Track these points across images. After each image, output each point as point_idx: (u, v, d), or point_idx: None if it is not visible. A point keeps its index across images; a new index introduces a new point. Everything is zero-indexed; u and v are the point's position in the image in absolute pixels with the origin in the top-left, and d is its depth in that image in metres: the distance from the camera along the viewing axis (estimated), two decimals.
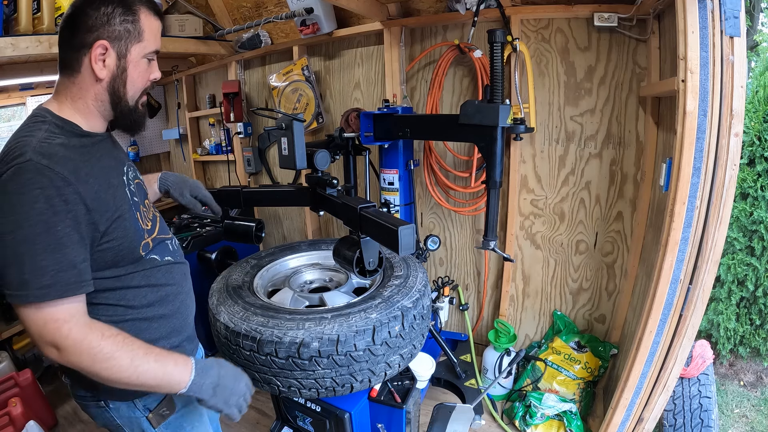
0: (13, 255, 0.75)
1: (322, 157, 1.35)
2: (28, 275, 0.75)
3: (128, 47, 0.88)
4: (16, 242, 0.75)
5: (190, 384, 0.87)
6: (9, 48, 1.72)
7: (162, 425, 1.02)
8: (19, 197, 0.75)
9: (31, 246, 0.75)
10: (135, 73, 0.91)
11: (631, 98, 1.88)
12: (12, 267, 0.75)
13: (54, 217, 0.77)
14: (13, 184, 0.75)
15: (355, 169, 2.15)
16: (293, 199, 1.56)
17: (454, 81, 2.21)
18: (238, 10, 2.69)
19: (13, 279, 0.76)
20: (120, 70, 0.89)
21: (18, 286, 0.76)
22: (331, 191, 1.36)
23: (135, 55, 0.90)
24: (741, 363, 2.63)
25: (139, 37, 0.89)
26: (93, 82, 0.88)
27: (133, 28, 0.88)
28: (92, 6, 0.85)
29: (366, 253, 1.08)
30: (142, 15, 0.89)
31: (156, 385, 0.86)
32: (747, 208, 2.32)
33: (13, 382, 2.14)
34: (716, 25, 1.23)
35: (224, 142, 3.13)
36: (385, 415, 1.50)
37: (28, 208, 0.75)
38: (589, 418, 1.96)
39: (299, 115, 1.30)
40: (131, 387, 0.84)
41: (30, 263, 0.75)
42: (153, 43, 0.93)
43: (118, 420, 1.00)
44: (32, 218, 0.75)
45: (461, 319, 2.52)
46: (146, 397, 0.99)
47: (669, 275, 1.38)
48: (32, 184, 0.76)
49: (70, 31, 0.87)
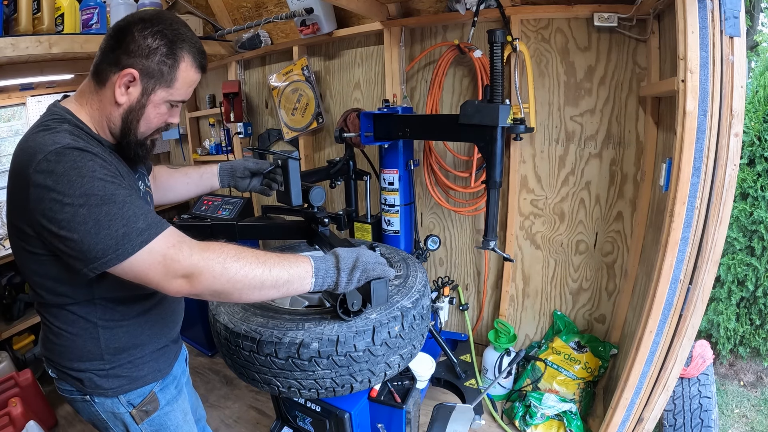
0: (97, 221, 0.74)
1: (317, 194, 1.39)
2: (123, 228, 0.75)
3: (155, 88, 0.87)
4: (95, 208, 0.75)
5: (314, 271, 0.90)
6: (9, 48, 1.72)
7: (145, 422, 1.04)
8: (78, 170, 0.75)
9: (111, 205, 0.76)
10: (153, 113, 0.90)
11: (631, 98, 1.88)
12: (100, 233, 0.74)
13: (115, 179, 0.79)
14: (63, 164, 0.75)
15: (356, 192, 2.19)
16: (289, 233, 1.59)
17: (454, 81, 2.21)
18: (238, 10, 2.69)
19: (109, 242, 0.75)
20: (139, 105, 0.88)
21: (117, 243, 0.75)
22: (323, 229, 1.40)
23: (158, 98, 0.89)
24: (741, 363, 2.63)
25: (170, 83, 0.88)
26: (112, 103, 0.87)
27: (168, 72, 0.87)
28: (143, 32, 0.84)
29: (348, 295, 1.08)
30: (183, 64, 0.88)
31: (288, 287, 0.87)
32: (747, 208, 2.32)
33: (13, 382, 2.14)
34: (716, 25, 1.23)
35: (224, 142, 3.13)
36: (385, 415, 1.50)
37: (90, 175, 0.75)
38: (589, 418, 1.96)
39: (294, 153, 1.33)
40: (266, 289, 0.84)
41: (118, 219, 0.75)
42: (182, 94, 0.92)
43: (103, 414, 1.01)
44: (98, 183, 0.76)
45: (461, 319, 2.52)
46: (130, 392, 1.01)
47: (669, 275, 1.38)
48: (82, 158, 0.76)
49: (114, 42, 0.85)
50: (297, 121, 2.70)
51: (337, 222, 1.87)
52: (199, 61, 0.91)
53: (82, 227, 0.74)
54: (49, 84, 2.86)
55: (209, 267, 0.78)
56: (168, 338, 1.10)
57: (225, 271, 0.79)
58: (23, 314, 2.57)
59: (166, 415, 1.08)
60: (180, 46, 0.87)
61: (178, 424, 1.11)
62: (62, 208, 0.74)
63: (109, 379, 0.98)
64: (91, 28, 2.06)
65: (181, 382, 1.17)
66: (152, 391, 1.04)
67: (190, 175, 1.32)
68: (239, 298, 0.83)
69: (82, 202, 0.74)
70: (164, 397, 1.07)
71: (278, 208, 1.71)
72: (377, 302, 1.00)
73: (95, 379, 0.97)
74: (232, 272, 0.79)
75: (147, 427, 1.04)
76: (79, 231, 0.74)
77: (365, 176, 2.08)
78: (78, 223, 0.74)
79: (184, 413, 1.14)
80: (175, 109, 0.95)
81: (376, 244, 1.28)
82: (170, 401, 1.09)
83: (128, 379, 1.00)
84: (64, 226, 0.75)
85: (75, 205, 0.74)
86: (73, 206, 0.74)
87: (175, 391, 1.12)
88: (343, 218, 1.82)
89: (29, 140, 0.80)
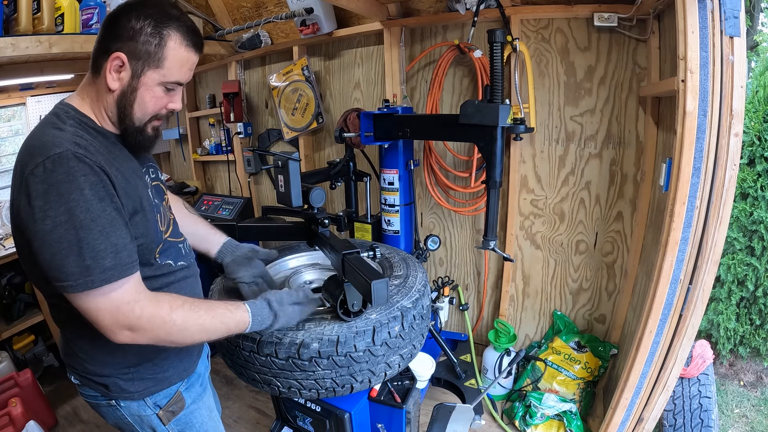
0: (69, 243, 0.74)
1: (317, 195, 1.39)
2: (89, 260, 0.75)
3: (144, 69, 0.85)
4: (72, 229, 0.74)
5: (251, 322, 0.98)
6: (9, 48, 1.72)
7: (172, 422, 1.04)
8: (68, 185, 0.74)
9: (87, 232, 0.75)
10: (147, 96, 0.87)
11: (631, 98, 1.88)
12: (70, 256, 0.75)
13: (101, 202, 0.78)
14: (57, 174, 0.74)
15: (356, 193, 2.20)
16: (289, 234, 1.60)
17: (454, 81, 2.21)
18: (238, 10, 2.69)
19: (73, 268, 0.75)
20: (131, 88, 0.86)
21: (80, 273, 0.75)
22: (323, 230, 1.40)
23: (149, 80, 0.86)
24: (741, 363, 2.63)
25: (159, 63, 0.85)
26: (107, 90, 0.86)
27: (155, 51, 0.84)
28: (127, 16, 0.83)
29: (350, 295, 1.09)
30: (171, 42, 0.84)
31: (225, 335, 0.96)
32: (747, 208, 2.32)
33: (13, 382, 2.14)
34: (716, 25, 1.23)
35: (224, 142, 3.13)
36: (385, 415, 1.50)
37: (77, 195, 0.75)
38: (589, 418, 1.96)
39: (294, 154, 1.32)
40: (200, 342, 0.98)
41: (89, 249, 0.75)
42: (175, 74, 0.87)
43: (129, 418, 1.01)
44: (83, 205, 0.75)
45: (461, 319, 2.53)
46: (156, 394, 1.01)
47: (669, 275, 1.38)
48: (76, 171, 0.75)
49: (104, 33, 0.85)
50: (297, 121, 2.70)
51: (337, 223, 1.87)
52: (190, 38, 0.87)
53: (55, 246, 0.75)
54: (49, 84, 2.86)
55: (152, 327, 0.83)
56: None
57: (168, 335, 0.86)
58: (23, 314, 2.57)
59: (192, 414, 1.08)
60: (166, 23, 0.84)
61: (203, 421, 1.11)
62: (43, 220, 0.74)
63: (135, 382, 0.98)
64: (91, 28, 2.06)
65: (205, 379, 1.17)
66: (178, 391, 1.05)
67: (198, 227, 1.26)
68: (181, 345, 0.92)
69: (64, 219, 0.74)
70: (190, 396, 1.08)
71: (278, 209, 1.71)
72: (378, 302, 1.00)
73: (120, 383, 0.97)
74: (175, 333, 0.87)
75: (174, 427, 1.05)
76: (51, 249, 0.75)
77: (365, 177, 2.09)
78: (53, 240, 0.74)
79: (209, 410, 1.15)
80: (173, 92, 0.91)
81: (375, 245, 1.28)
82: (196, 399, 1.09)
83: (153, 381, 1.00)
84: (39, 237, 0.75)
85: (56, 222, 0.74)
86: (54, 221, 0.74)
87: (200, 389, 1.13)
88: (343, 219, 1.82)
89: (33, 138, 0.81)
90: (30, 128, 2.86)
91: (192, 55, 0.89)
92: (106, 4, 2.17)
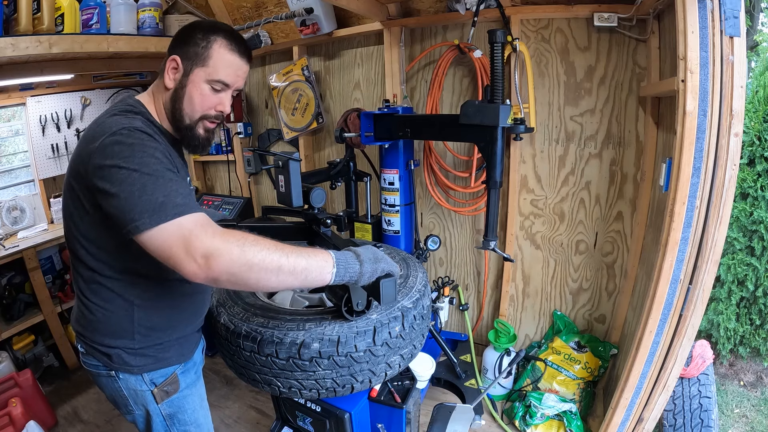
0: (143, 186, 0.82)
1: (317, 195, 1.40)
2: (162, 198, 0.82)
3: (193, 68, 0.99)
4: (146, 176, 0.83)
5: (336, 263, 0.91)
6: (9, 48, 1.73)
7: (165, 402, 1.10)
8: (141, 146, 0.86)
9: (159, 178, 0.84)
10: (194, 92, 1.00)
11: (631, 98, 1.88)
12: (143, 196, 0.82)
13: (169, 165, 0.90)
14: (131, 138, 0.87)
15: (356, 193, 2.20)
16: (290, 235, 1.59)
17: (454, 81, 2.21)
18: (238, 10, 2.69)
19: (147, 205, 0.81)
20: (181, 85, 1.00)
21: (153, 209, 0.81)
22: (324, 230, 1.41)
23: (197, 77, 0.99)
24: (741, 363, 2.63)
25: (205, 62, 0.99)
26: (165, 89, 1.02)
27: (202, 52, 0.98)
28: (187, 29, 1.01)
29: (354, 294, 1.08)
30: (216, 45, 0.99)
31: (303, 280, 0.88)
32: (747, 208, 2.32)
33: (13, 382, 2.14)
34: (716, 25, 1.23)
35: (224, 143, 3.13)
36: (385, 415, 1.51)
37: (149, 152, 0.86)
38: (589, 418, 1.96)
39: (295, 154, 1.32)
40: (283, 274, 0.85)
41: (161, 189, 0.83)
42: (220, 74, 1.00)
43: (125, 391, 1.07)
44: (154, 160, 0.86)
45: (461, 319, 2.53)
46: (154, 372, 1.07)
47: (669, 275, 1.38)
48: (146, 140, 0.89)
49: (172, 41, 1.02)
50: (297, 121, 2.70)
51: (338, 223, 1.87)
52: (235, 44, 1.00)
53: (128, 188, 0.82)
54: (49, 84, 2.85)
55: (228, 249, 0.80)
56: (194, 326, 1.17)
57: (243, 254, 0.81)
58: (23, 314, 2.57)
59: (185, 398, 1.14)
60: (214, 31, 0.99)
61: (194, 408, 1.17)
62: (119, 171, 0.83)
63: (137, 357, 1.04)
64: (91, 28, 2.06)
65: (200, 369, 1.24)
66: (174, 372, 1.10)
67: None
68: (256, 282, 0.84)
69: (136, 168, 0.83)
70: (185, 380, 1.14)
71: (278, 209, 1.71)
72: (386, 300, 0.99)
73: (123, 355, 1.03)
74: (250, 255, 0.81)
75: (166, 407, 1.11)
76: (125, 191, 0.82)
77: (365, 177, 2.09)
78: (127, 184, 0.82)
79: (201, 398, 1.21)
80: (221, 94, 1.03)
81: (378, 245, 1.28)
82: (189, 385, 1.16)
83: (154, 359, 1.06)
84: (115, 184, 0.83)
85: (129, 170, 0.83)
86: (128, 170, 0.83)
87: (195, 376, 1.19)
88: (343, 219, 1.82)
89: (107, 121, 0.91)
90: (30, 128, 2.87)
91: (237, 59, 1.02)
92: (105, 4, 2.18)
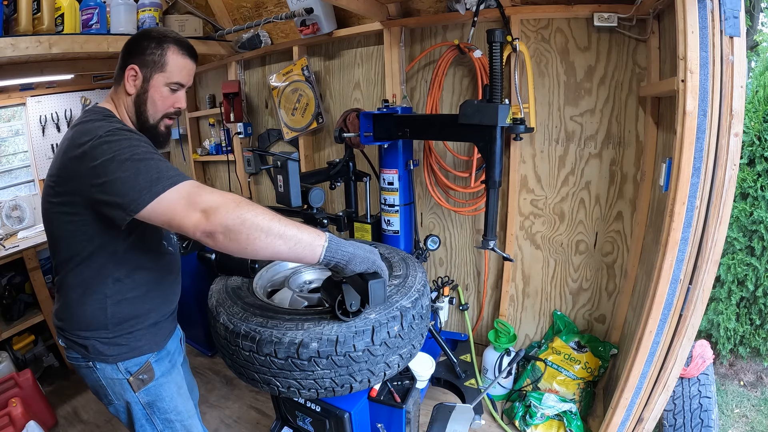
0: (137, 169, 0.90)
1: (316, 195, 1.42)
2: (156, 174, 0.90)
3: (152, 74, 1.10)
4: (137, 161, 0.91)
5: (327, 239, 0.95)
6: (9, 48, 1.73)
7: (142, 390, 1.16)
8: (127, 138, 0.95)
9: (149, 160, 0.92)
10: (156, 95, 1.11)
11: (631, 98, 1.88)
12: (139, 176, 0.89)
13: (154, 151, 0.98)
14: (116, 136, 0.94)
15: (356, 193, 2.20)
16: None
17: (453, 81, 2.21)
18: (238, 11, 2.69)
19: (144, 183, 0.89)
20: (143, 90, 1.11)
21: (150, 184, 0.89)
22: (322, 230, 1.39)
23: (157, 82, 1.11)
24: (741, 363, 2.62)
25: (163, 68, 1.10)
26: (126, 95, 1.12)
27: (158, 59, 1.09)
28: (140, 38, 1.11)
29: (348, 295, 1.09)
30: (169, 52, 1.10)
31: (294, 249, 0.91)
32: (747, 208, 2.31)
33: (13, 382, 2.14)
34: (716, 25, 1.23)
35: (224, 143, 3.13)
36: (384, 414, 1.50)
37: (136, 142, 0.95)
38: (589, 418, 1.96)
39: (293, 155, 1.33)
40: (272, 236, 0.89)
41: (154, 168, 0.91)
42: (176, 76, 1.12)
43: (103, 380, 1.14)
44: (142, 148, 0.94)
45: (461, 319, 2.52)
46: (128, 361, 1.13)
47: (669, 275, 1.38)
48: (131, 134, 0.97)
49: (122, 54, 1.12)
50: (297, 121, 2.70)
51: (337, 223, 1.87)
52: (185, 48, 1.13)
53: (125, 173, 0.90)
54: (49, 84, 2.86)
55: (225, 204, 0.88)
56: (164, 314, 1.23)
57: (237, 209, 0.88)
58: (23, 314, 2.57)
59: (162, 386, 1.20)
60: (165, 40, 1.10)
61: (172, 395, 1.23)
62: (111, 162, 0.91)
63: (111, 346, 1.11)
64: (91, 28, 2.06)
65: (174, 359, 1.28)
66: (148, 361, 1.16)
67: None
68: (246, 239, 0.88)
69: (128, 155, 0.91)
70: (159, 368, 1.19)
71: (278, 209, 1.71)
72: (375, 302, 1.00)
73: (98, 345, 1.10)
74: (244, 211, 0.88)
75: (143, 396, 1.17)
76: (123, 175, 0.90)
77: (365, 177, 2.09)
78: (123, 170, 0.90)
79: (177, 386, 1.26)
80: (177, 93, 1.15)
81: (375, 245, 1.28)
82: (165, 373, 1.21)
83: (127, 348, 1.13)
84: (112, 172, 0.90)
85: (123, 157, 0.91)
86: (121, 158, 0.91)
87: (169, 365, 1.24)
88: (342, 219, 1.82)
89: (86, 125, 0.98)
90: (30, 128, 2.87)
91: (189, 61, 1.14)
92: (105, 4, 2.18)
